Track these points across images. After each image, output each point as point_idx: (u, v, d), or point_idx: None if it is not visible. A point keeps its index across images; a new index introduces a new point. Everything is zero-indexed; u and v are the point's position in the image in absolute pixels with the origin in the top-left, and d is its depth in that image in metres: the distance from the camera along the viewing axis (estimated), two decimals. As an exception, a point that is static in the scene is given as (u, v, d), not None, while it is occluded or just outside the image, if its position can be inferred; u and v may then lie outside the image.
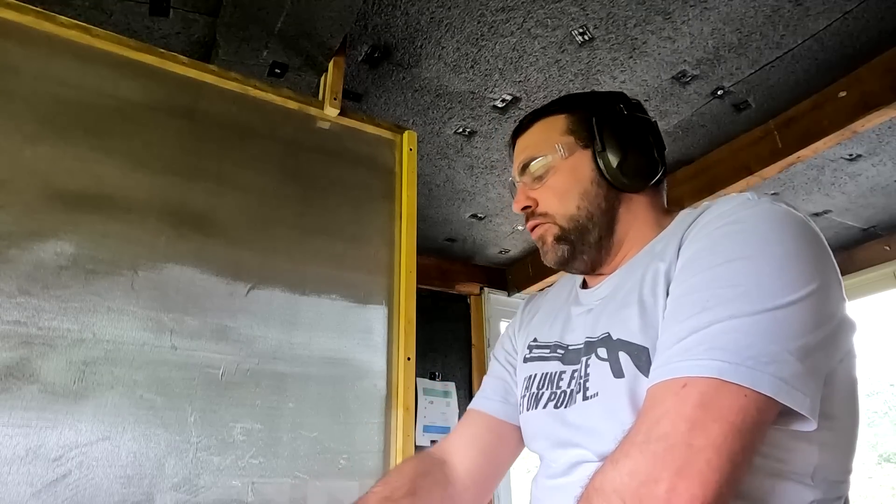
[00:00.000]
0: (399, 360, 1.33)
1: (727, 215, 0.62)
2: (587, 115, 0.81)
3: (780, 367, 0.50)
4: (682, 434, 0.49)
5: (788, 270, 0.55)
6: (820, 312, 0.55)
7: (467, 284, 2.95)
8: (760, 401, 0.49)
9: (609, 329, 0.69)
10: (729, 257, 0.57)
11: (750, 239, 0.58)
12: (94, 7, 1.40)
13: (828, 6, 1.47)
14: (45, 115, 1.09)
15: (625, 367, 0.64)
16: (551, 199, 0.79)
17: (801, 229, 0.59)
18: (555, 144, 0.80)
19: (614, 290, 0.74)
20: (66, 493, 0.93)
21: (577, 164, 0.79)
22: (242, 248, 1.22)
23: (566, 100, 0.85)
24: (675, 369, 0.53)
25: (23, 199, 1.03)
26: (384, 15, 1.47)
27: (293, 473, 1.14)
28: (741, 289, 0.54)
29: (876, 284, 2.67)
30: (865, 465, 7.60)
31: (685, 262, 0.62)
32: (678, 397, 0.51)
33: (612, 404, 0.64)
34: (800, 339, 0.52)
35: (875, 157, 2.07)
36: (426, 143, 2.00)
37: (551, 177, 0.79)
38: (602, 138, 0.78)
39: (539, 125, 0.84)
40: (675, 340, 0.55)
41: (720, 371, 0.50)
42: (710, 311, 0.54)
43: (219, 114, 1.29)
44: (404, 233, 1.44)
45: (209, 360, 1.11)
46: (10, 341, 0.95)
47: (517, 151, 0.86)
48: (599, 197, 0.78)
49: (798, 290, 0.54)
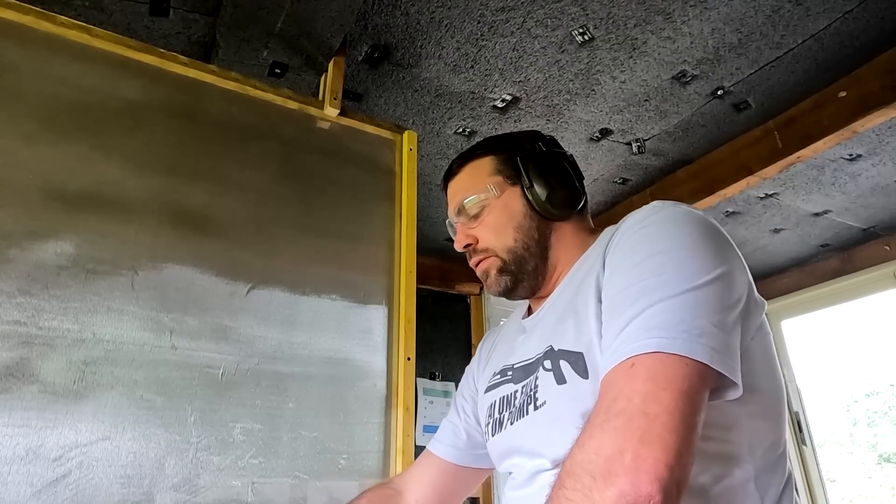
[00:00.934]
0: (399, 360, 1.33)
1: (640, 221, 0.70)
2: (511, 154, 0.88)
3: (710, 338, 0.56)
4: (637, 406, 0.53)
5: (698, 257, 0.62)
6: (731, 291, 0.62)
7: (467, 284, 2.95)
8: (699, 367, 0.55)
9: (551, 342, 0.75)
10: (648, 254, 0.64)
11: (662, 237, 0.66)
12: (94, 7, 1.40)
13: (828, 6, 1.47)
14: (45, 115, 1.09)
15: (566, 374, 0.70)
16: (489, 235, 0.85)
17: (703, 224, 0.67)
18: (486, 185, 0.86)
19: (552, 309, 0.81)
20: (66, 493, 0.93)
21: (509, 200, 0.86)
22: (242, 248, 1.22)
23: (489, 142, 0.92)
24: (621, 354, 0.58)
25: (23, 199, 1.03)
26: (384, 15, 1.47)
27: (293, 473, 1.14)
28: (663, 277, 0.61)
29: (876, 284, 2.67)
30: (865, 465, 7.60)
31: (612, 268, 0.69)
32: (628, 376, 0.56)
33: (559, 409, 0.70)
34: (719, 314, 0.59)
35: (875, 157, 2.07)
36: (426, 143, 2.00)
37: (487, 215, 0.86)
38: (528, 175, 0.85)
39: (468, 168, 0.90)
40: (617, 332, 0.61)
41: (660, 345, 0.56)
42: (642, 300, 0.60)
43: (219, 114, 1.29)
44: (404, 233, 1.44)
45: (209, 360, 1.11)
46: (10, 341, 0.95)
47: (450, 195, 0.92)
48: (532, 228, 0.85)
49: (710, 272, 0.61)
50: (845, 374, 9.38)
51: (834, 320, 1.70)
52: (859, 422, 8.30)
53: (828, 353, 10.30)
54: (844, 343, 10.97)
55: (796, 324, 3.09)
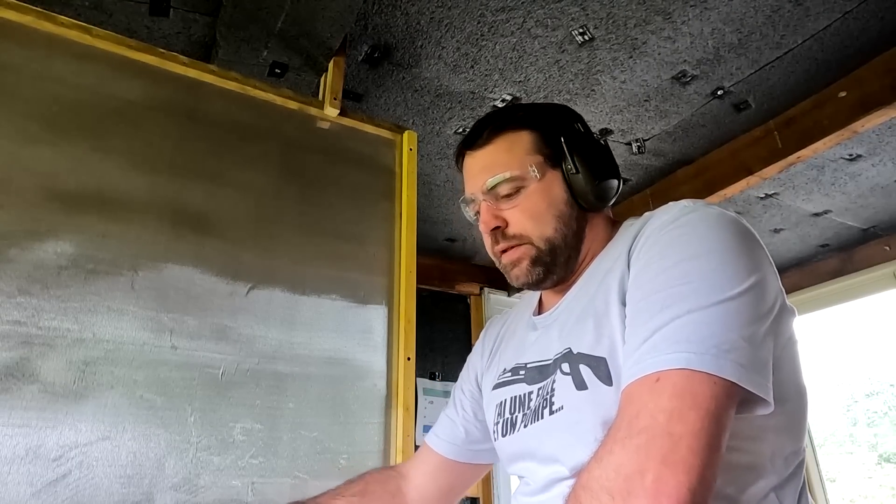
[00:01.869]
0: (399, 360, 1.33)
1: (669, 222, 0.66)
2: (554, 133, 0.80)
3: (739, 354, 0.54)
4: (661, 425, 0.51)
5: (731, 265, 0.59)
6: (763, 302, 0.59)
7: (467, 284, 2.95)
8: (727, 386, 0.52)
9: (569, 344, 0.72)
10: (677, 259, 0.61)
11: (694, 241, 0.62)
12: (94, 7, 1.40)
13: (828, 6, 1.47)
14: (45, 115, 1.09)
15: (587, 379, 0.67)
16: (525, 220, 0.78)
17: (737, 228, 0.63)
18: (526, 164, 0.78)
19: (569, 307, 0.77)
20: (66, 492, 0.93)
21: (550, 185, 0.79)
22: (242, 248, 1.22)
23: (524, 114, 0.84)
24: (646, 366, 0.55)
25: (23, 199, 1.03)
26: (384, 15, 1.47)
27: (293, 473, 1.14)
28: (693, 285, 0.58)
29: (876, 284, 2.67)
30: (865, 465, 7.60)
31: (638, 270, 0.65)
32: (653, 391, 0.53)
33: (577, 416, 0.67)
34: (750, 326, 0.56)
35: (875, 157, 2.07)
36: (426, 143, 2.00)
37: (523, 198, 0.78)
38: (574, 160, 0.78)
39: (501, 141, 0.81)
40: (641, 341, 0.58)
41: (688, 362, 0.53)
42: (669, 309, 0.57)
43: (219, 114, 1.29)
44: (404, 233, 1.44)
45: (209, 360, 1.11)
46: (10, 341, 0.95)
47: (475, 167, 0.82)
48: (571, 218, 0.79)
49: (743, 282, 0.58)
50: (845, 374, 9.39)
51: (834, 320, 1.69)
52: (859, 422, 8.30)
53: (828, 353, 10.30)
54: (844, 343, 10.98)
55: (796, 324, 3.08)
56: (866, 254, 2.67)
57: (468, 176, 0.84)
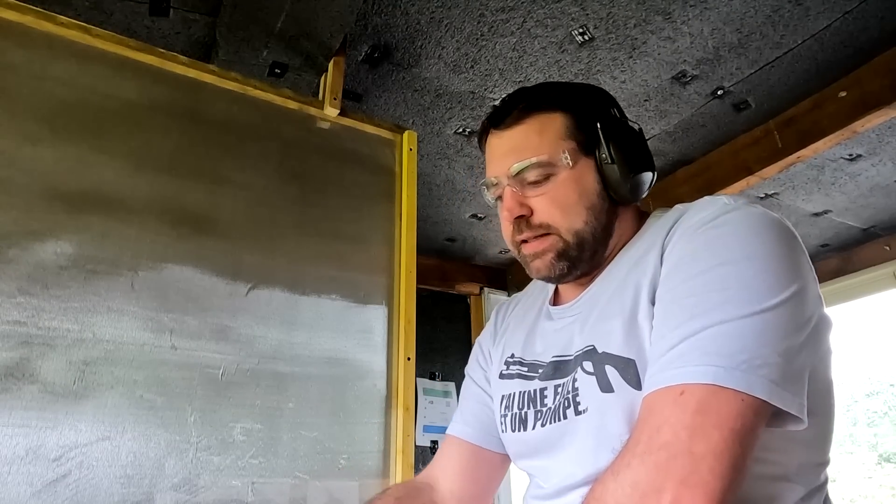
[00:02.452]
0: (399, 360, 1.33)
1: (707, 220, 0.61)
2: (589, 118, 0.74)
3: (772, 370, 0.51)
4: (683, 442, 0.48)
5: (772, 273, 0.55)
6: (802, 313, 0.56)
7: (467, 284, 2.95)
8: (756, 404, 0.50)
9: (593, 342, 0.68)
10: (714, 262, 0.57)
11: (733, 244, 0.58)
12: (94, 7, 1.40)
13: (828, 6, 1.47)
14: (45, 115, 1.09)
15: (613, 382, 0.63)
16: (554, 211, 0.72)
17: (780, 231, 0.59)
18: (559, 150, 0.72)
19: (592, 304, 0.72)
20: (66, 493, 0.93)
21: (583, 174, 0.73)
22: (242, 248, 1.22)
23: (556, 94, 0.77)
24: (671, 377, 0.53)
25: (23, 199, 1.03)
26: (384, 15, 1.47)
27: (293, 473, 1.14)
28: (729, 293, 0.54)
29: (876, 284, 2.67)
30: (865, 465, 7.60)
31: (670, 269, 0.62)
32: (676, 405, 0.51)
33: (604, 419, 0.63)
34: (786, 340, 0.53)
35: (875, 157, 2.07)
36: (426, 143, 2.00)
37: (553, 186, 0.72)
38: (609, 148, 0.72)
39: (532, 122, 0.75)
40: (667, 348, 0.55)
41: (716, 376, 0.50)
42: (700, 317, 0.54)
43: (219, 114, 1.29)
44: (404, 233, 1.44)
45: (209, 360, 1.11)
46: (10, 341, 0.95)
47: (501, 149, 0.76)
48: (602, 211, 0.73)
49: (782, 292, 0.54)
50: (845, 374, 9.38)
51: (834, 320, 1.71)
52: (859, 422, 8.30)
53: (828, 353, 10.24)
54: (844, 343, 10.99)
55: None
56: (866, 254, 2.67)
57: (492, 157, 0.78)
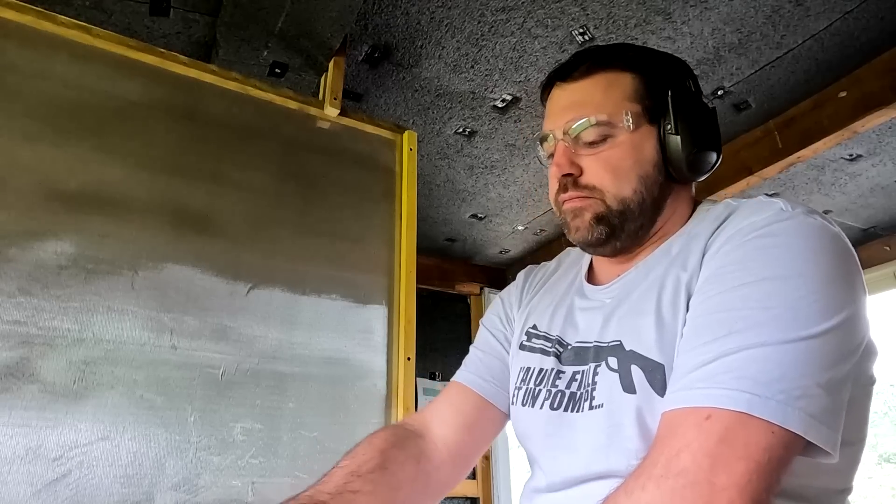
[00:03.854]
0: (399, 360, 1.33)
1: (759, 226, 0.56)
2: (661, 84, 0.70)
3: (811, 402, 0.47)
4: (704, 471, 0.45)
5: (824, 295, 0.51)
6: (851, 342, 0.52)
7: (467, 284, 2.95)
8: (788, 438, 0.46)
9: (621, 337, 0.64)
10: (761, 276, 0.52)
11: (785, 257, 0.53)
12: (95, 7, 1.40)
13: (828, 6, 1.47)
14: (45, 114, 1.09)
15: (637, 383, 0.59)
16: (604, 173, 0.67)
17: (838, 248, 0.54)
18: (621, 110, 0.68)
19: (627, 291, 0.68)
20: (66, 492, 0.93)
21: (643, 140, 0.68)
22: (242, 248, 1.22)
23: (630, 54, 0.72)
24: (698, 397, 0.49)
25: (23, 199, 1.03)
26: (384, 15, 1.47)
27: (293, 473, 1.14)
28: (774, 312, 0.50)
29: (876, 284, 2.67)
30: (865, 465, 7.61)
31: (710, 274, 0.57)
32: (701, 429, 0.47)
33: (618, 419, 0.60)
34: (831, 370, 0.49)
35: (875, 158, 2.07)
36: (426, 143, 2.00)
37: (609, 148, 0.67)
38: (676, 119, 0.68)
39: (599, 78, 0.70)
40: (698, 363, 0.51)
41: (749, 404, 0.46)
42: (738, 335, 0.50)
43: (219, 114, 1.29)
44: (404, 233, 1.44)
45: (209, 360, 1.11)
46: (10, 341, 0.95)
47: (562, 102, 0.72)
48: (655, 184, 0.68)
49: (833, 317, 0.50)
50: (845, 375, 9.33)
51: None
52: (859, 422, 8.29)
53: (828, 353, 10.22)
54: (844, 343, 10.84)
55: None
56: (866, 254, 2.67)
57: (552, 110, 0.73)
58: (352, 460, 0.71)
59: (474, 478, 2.68)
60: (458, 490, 2.62)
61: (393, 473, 0.71)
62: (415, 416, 0.84)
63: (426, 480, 0.75)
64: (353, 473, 0.69)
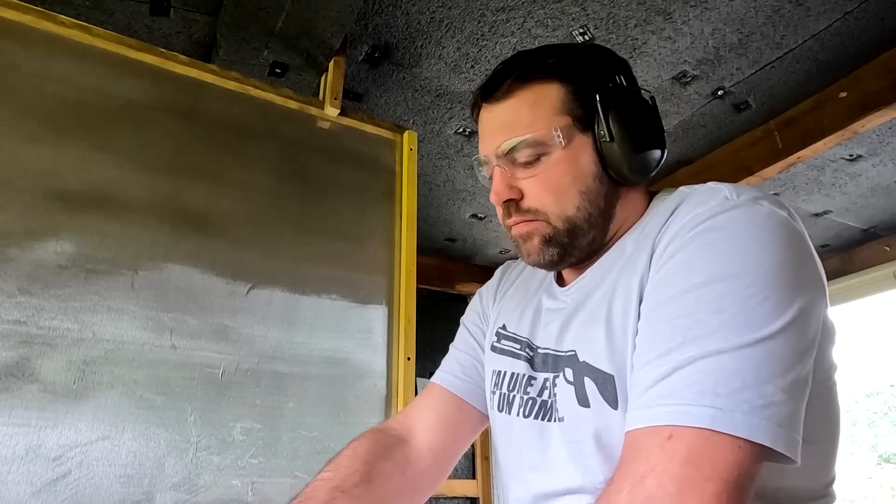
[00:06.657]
0: (399, 360, 1.33)
1: (703, 219, 0.54)
2: (587, 88, 0.66)
3: (777, 410, 0.45)
4: (670, 496, 0.43)
5: (774, 291, 0.48)
6: (806, 335, 0.49)
7: (467, 284, 2.95)
8: (756, 450, 0.44)
9: (575, 347, 0.62)
10: (709, 276, 0.50)
11: (731, 252, 0.51)
12: (95, 7, 1.40)
13: (828, 6, 1.47)
14: (45, 114, 1.09)
15: (590, 396, 0.58)
16: (545, 195, 0.65)
17: (787, 235, 0.52)
18: (551, 126, 0.64)
19: (584, 295, 0.67)
20: (66, 492, 0.93)
21: (577, 153, 0.65)
22: (242, 248, 1.22)
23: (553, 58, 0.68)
24: (659, 415, 0.47)
25: (23, 198, 1.03)
26: (384, 15, 1.47)
27: (293, 473, 1.14)
28: (726, 315, 0.48)
29: (876, 285, 2.67)
30: (865, 465, 7.60)
31: (660, 277, 0.55)
32: (663, 451, 0.45)
33: (578, 434, 0.59)
34: (791, 371, 0.47)
35: (875, 158, 2.07)
36: (426, 143, 2.00)
37: (545, 167, 0.65)
38: (609, 125, 0.64)
39: (525, 94, 0.67)
40: (655, 378, 0.49)
41: (712, 420, 0.44)
42: (692, 344, 0.48)
43: (219, 114, 1.29)
44: (404, 233, 1.44)
45: (209, 359, 1.11)
46: (10, 341, 0.95)
47: (491, 125, 0.69)
48: (600, 195, 0.65)
49: (786, 312, 0.48)
50: (845, 375, 9.38)
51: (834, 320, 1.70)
52: (859, 422, 8.29)
53: (828, 353, 10.23)
54: (844, 343, 10.96)
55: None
56: (866, 254, 2.67)
57: (483, 133, 0.71)
58: (335, 473, 0.70)
59: (474, 478, 2.69)
60: (458, 490, 2.62)
61: (378, 486, 0.70)
62: (398, 419, 0.82)
63: (412, 489, 0.74)
64: (336, 489, 0.67)
